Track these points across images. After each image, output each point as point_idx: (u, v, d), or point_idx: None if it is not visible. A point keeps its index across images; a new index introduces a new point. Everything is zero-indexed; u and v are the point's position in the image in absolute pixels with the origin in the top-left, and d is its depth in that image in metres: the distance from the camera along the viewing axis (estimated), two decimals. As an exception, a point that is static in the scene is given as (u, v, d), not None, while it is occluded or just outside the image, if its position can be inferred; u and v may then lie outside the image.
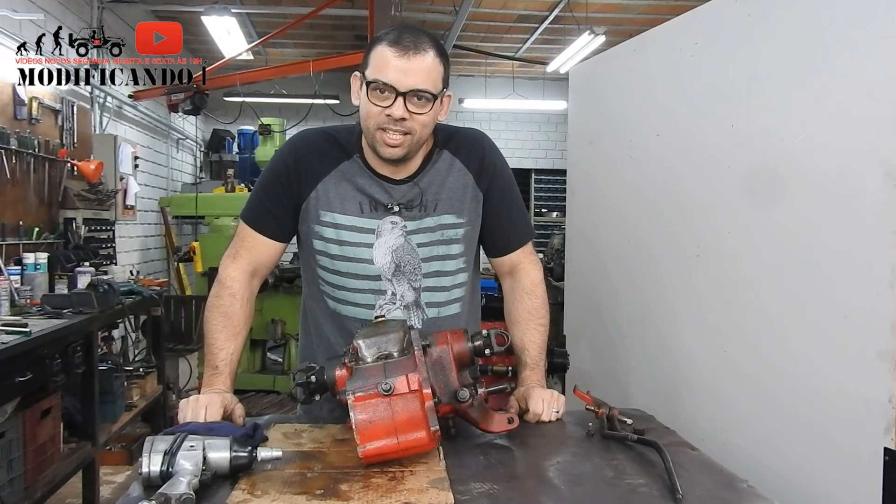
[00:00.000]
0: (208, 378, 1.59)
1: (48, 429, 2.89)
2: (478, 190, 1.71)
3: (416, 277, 1.66)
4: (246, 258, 1.68)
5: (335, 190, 1.64)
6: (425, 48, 1.50)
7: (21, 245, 4.06)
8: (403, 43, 1.49)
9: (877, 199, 1.65)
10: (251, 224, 1.69)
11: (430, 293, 1.68)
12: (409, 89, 1.49)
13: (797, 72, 1.92)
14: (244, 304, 1.66)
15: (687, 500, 1.19)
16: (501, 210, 1.75)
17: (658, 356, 2.54)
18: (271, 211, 1.67)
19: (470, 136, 1.77)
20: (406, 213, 1.64)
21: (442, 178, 1.68)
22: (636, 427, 1.52)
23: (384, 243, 1.64)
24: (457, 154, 1.71)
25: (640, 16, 6.98)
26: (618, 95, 2.94)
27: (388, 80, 1.48)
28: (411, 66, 1.48)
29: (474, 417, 1.45)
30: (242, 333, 1.65)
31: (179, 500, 1.11)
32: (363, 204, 1.64)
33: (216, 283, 1.68)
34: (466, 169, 1.70)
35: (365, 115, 1.55)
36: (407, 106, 1.50)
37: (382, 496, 1.18)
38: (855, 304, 1.71)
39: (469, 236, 1.71)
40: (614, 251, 2.88)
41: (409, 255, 1.65)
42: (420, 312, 1.67)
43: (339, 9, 6.44)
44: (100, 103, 5.65)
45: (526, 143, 10.29)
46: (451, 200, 1.68)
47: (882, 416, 1.63)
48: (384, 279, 1.65)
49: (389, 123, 1.51)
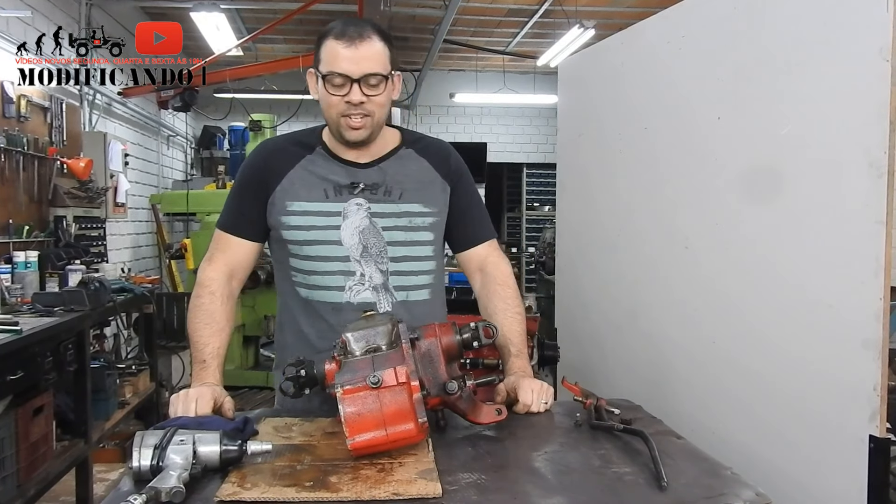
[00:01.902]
0: (197, 373, 1.62)
1: (40, 427, 2.88)
2: (445, 184, 1.79)
3: (383, 260, 1.71)
4: (221, 260, 1.75)
5: (300, 181, 1.72)
6: (370, 35, 1.61)
7: (11, 244, 4.04)
8: (349, 34, 1.60)
9: (861, 190, 1.66)
10: (224, 228, 1.78)
11: (399, 277, 1.73)
12: (361, 75, 1.59)
13: (782, 64, 1.94)
14: (224, 301, 1.70)
15: (672, 487, 1.21)
16: (468, 206, 1.84)
17: (647, 347, 2.55)
18: (241, 212, 1.76)
19: (436, 141, 1.89)
20: (370, 196, 1.71)
21: (408, 170, 1.77)
22: (623, 417, 1.54)
23: (351, 224, 1.70)
24: (423, 154, 1.80)
25: (629, 9, 6.99)
26: (606, 89, 2.95)
27: (342, 70, 1.59)
28: (360, 53, 1.59)
29: (463, 409, 1.46)
30: (226, 330, 1.69)
31: (169, 494, 1.12)
32: (328, 190, 1.71)
33: (195, 286, 1.74)
34: (432, 168, 1.79)
35: (326, 107, 1.65)
36: (363, 90, 1.60)
37: (371, 487, 1.19)
38: (840, 293, 1.73)
39: (437, 227, 1.78)
40: (604, 244, 2.90)
41: (374, 237, 1.70)
42: (389, 295, 1.72)
43: (328, 4, 6.42)
44: (89, 100, 5.62)
45: (517, 137, 10.30)
46: (417, 191, 1.75)
47: (867, 403, 1.65)
48: (352, 260, 1.70)
49: (350, 109, 1.62)
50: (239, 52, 7.33)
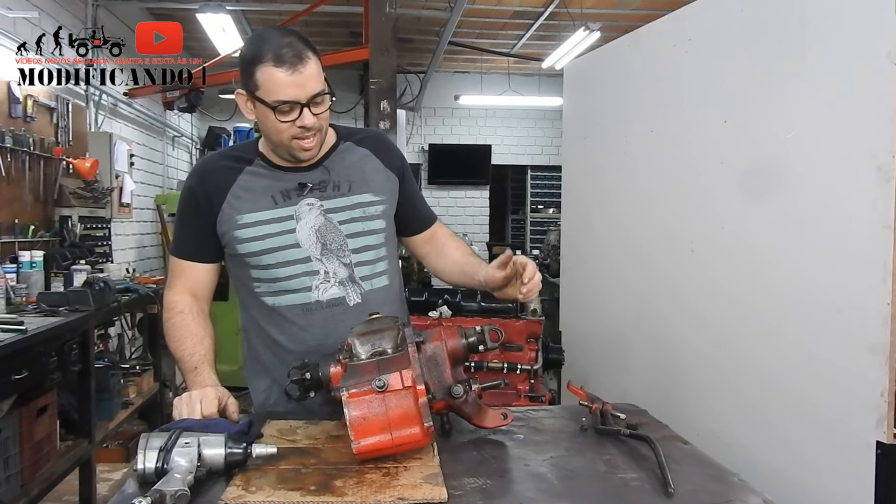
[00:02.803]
0: (192, 380, 1.61)
1: (45, 426, 2.89)
2: (389, 173, 1.81)
3: (345, 254, 1.71)
4: (180, 284, 1.74)
5: (245, 194, 1.70)
6: (306, 54, 1.56)
7: (17, 243, 4.05)
8: (286, 59, 1.54)
9: (868, 194, 1.66)
10: (176, 254, 1.76)
11: (362, 267, 1.74)
12: (308, 97, 1.57)
13: (790, 68, 1.93)
14: (195, 316, 1.70)
15: (678, 493, 1.20)
16: (413, 194, 1.89)
17: (652, 351, 2.55)
18: (189, 236, 1.75)
19: (372, 131, 1.94)
20: (320, 194, 1.71)
21: (349, 162, 1.77)
22: (629, 422, 1.53)
23: (306, 225, 1.70)
24: (361, 144, 1.81)
25: (634, 11, 6.98)
26: (612, 91, 2.94)
27: (290, 97, 1.56)
28: (303, 77, 1.55)
29: (468, 413, 1.46)
30: (207, 340, 1.68)
31: (174, 497, 1.11)
32: (275, 196, 1.70)
33: (163, 309, 1.73)
34: (374, 156, 1.80)
35: (275, 132, 1.61)
36: (311, 111, 1.59)
37: (376, 491, 1.19)
38: (847, 298, 1.72)
39: (387, 213, 1.80)
40: (609, 247, 2.89)
41: (332, 232, 1.71)
42: (356, 287, 1.72)
43: (333, 5, 6.42)
44: (95, 101, 5.63)
45: (522, 140, 10.28)
46: (363, 181, 1.76)
47: (874, 409, 1.64)
48: (313, 259, 1.70)
49: (303, 132, 1.60)
50: (244, 54, 7.32)
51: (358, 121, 8.48)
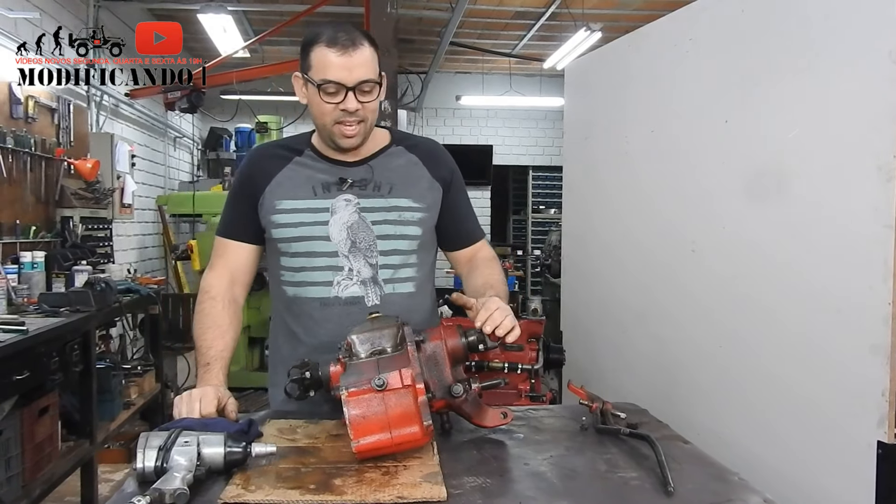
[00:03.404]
0: (201, 375, 1.62)
1: (46, 427, 2.89)
2: (434, 182, 1.80)
3: (373, 254, 1.72)
4: (221, 265, 1.78)
5: (288, 181, 1.74)
6: (360, 42, 1.61)
7: (18, 244, 4.06)
8: (341, 41, 1.59)
9: (869, 194, 1.65)
10: (221, 233, 1.81)
11: (387, 270, 1.74)
12: (356, 83, 1.60)
13: (791, 68, 1.93)
14: (226, 306, 1.72)
15: (678, 492, 1.20)
16: (460, 206, 1.87)
17: (654, 351, 2.54)
18: (235, 216, 1.80)
19: (425, 139, 1.91)
20: (359, 192, 1.73)
21: (396, 165, 1.78)
22: (630, 421, 1.53)
23: (339, 220, 1.71)
24: (411, 151, 1.81)
25: (636, 12, 6.98)
26: (613, 92, 2.94)
27: (337, 78, 1.60)
28: (353, 61, 1.59)
29: (468, 412, 1.46)
30: (230, 334, 1.69)
31: (173, 496, 1.11)
32: (316, 187, 1.74)
33: (199, 292, 1.76)
34: (422, 164, 1.80)
35: (319, 114, 1.66)
36: (357, 97, 1.61)
37: (376, 490, 1.19)
38: (848, 298, 1.72)
39: (426, 222, 1.79)
40: (610, 247, 2.89)
41: (363, 231, 1.71)
42: (377, 289, 1.72)
43: (335, 6, 6.43)
44: (96, 102, 5.64)
45: (523, 140, 10.28)
46: (406, 186, 1.76)
47: (875, 409, 1.64)
48: (341, 255, 1.71)
49: (345, 116, 1.63)
50: (246, 54, 7.34)
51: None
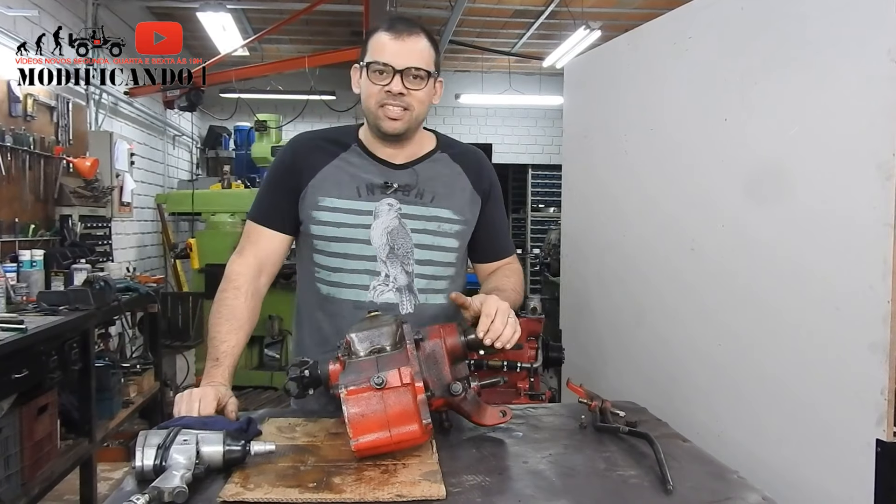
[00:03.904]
0: (208, 370, 1.60)
1: (45, 425, 2.89)
2: (476, 195, 1.80)
3: (409, 262, 1.71)
4: (251, 252, 1.74)
5: (333, 177, 1.72)
6: (417, 32, 1.65)
7: (17, 242, 4.06)
8: (397, 28, 1.63)
9: (869, 192, 1.65)
10: (254, 218, 1.77)
11: (422, 280, 1.73)
12: (405, 67, 1.61)
13: (790, 66, 1.93)
14: (248, 298, 1.69)
15: (677, 490, 1.20)
16: (495, 220, 1.85)
17: (653, 349, 2.54)
18: (272, 203, 1.76)
19: (470, 148, 1.90)
20: (402, 196, 1.72)
21: (441, 175, 1.77)
22: (629, 419, 1.53)
23: (381, 224, 1.70)
24: (456, 159, 1.81)
25: (635, 10, 6.97)
26: (612, 90, 2.94)
27: (386, 59, 1.61)
28: (406, 46, 1.62)
29: (467, 411, 1.46)
30: (245, 328, 1.67)
31: (172, 494, 1.11)
32: (360, 188, 1.71)
33: (223, 279, 1.73)
34: (465, 175, 1.80)
35: (366, 97, 1.66)
36: (404, 82, 1.62)
37: (375, 489, 1.19)
38: (847, 296, 1.72)
39: (463, 235, 1.78)
40: (610, 246, 2.89)
41: (402, 238, 1.70)
42: (412, 297, 1.72)
43: (334, 4, 6.42)
44: (95, 100, 5.63)
45: (522, 139, 10.28)
46: (448, 197, 1.75)
47: (874, 407, 1.63)
48: (379, 260, 1.70)
49: (389, 99, 1.63)
50: (245, 53, 7.33)
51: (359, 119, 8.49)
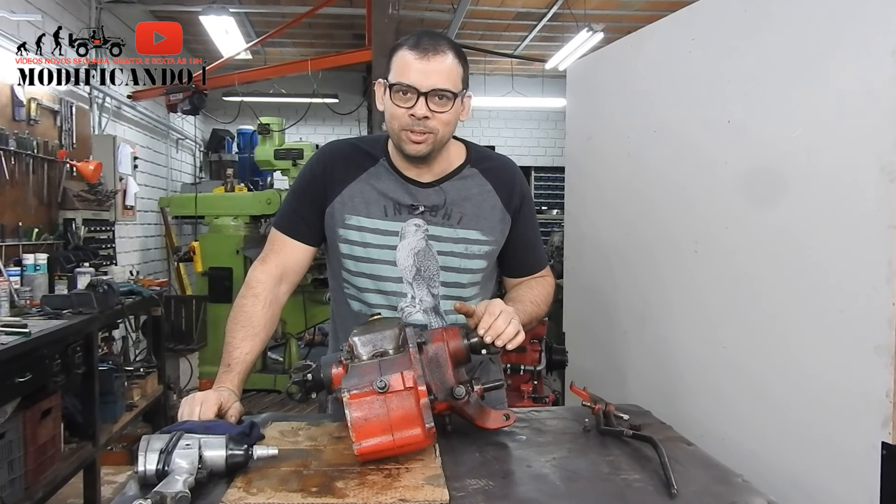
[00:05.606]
0: (219, 375, 1.60)
1: (48, 429, 2.89)
2: (506, 213, 1.74)
3: (435, 284, 1.69)
4: (274, 261, 1.72)
5: (360, 195, 1.69)
6: (444, 50, 1.56)
7: (20, 246, 4.06)
8: (423, 46, 1.55)
9: (873, 195, 1.65)
10: (280, 228, 1.75)
11: (446, 301, 1.69)
12: (429, 89, 1.54)
13: (794, 67, 1.92)
14: (266, 306, 1.67)
15: (682, 494, 1.19)
16: (526, 236, 1.80)
17: (657, 352, 2.54)
18: (299, 214, 1.73)
19: (503, 161, 1.82)
20: (429, 217, 1.68)
21: (470, 193, 1.71)
22: (633, 423, 1.52)
23: (406, 245, 1.67)
24: (487, 175, 1.74)
25: (638, 12, 6.98)
26: (615, 92, 2.94)
27: (410, 81, 1.54)
28: (431, 67, 1.54)
29: (470, 414, 1.45)
30: (261, 336, 1.66)
31: (175, 499, 1.11)
32: (387, 207, 1.68)
33: (243, 285, 1.72)
34: (495, 192, 1.73)
35: (389, 118, 1.60)
36: (429, 105, 1.55)
37: (378, 493, 1.18)
38: (852, 298, 1.71)
39: (491, 255, 1.75)
40: (613, 248, 2.89)
41: (429, 260, 1.67)
42: (439, 319, 1.69)
43: (337, 7, 6.44)
44: (98, 104, 5.65)
45: (525, 141, 10.29)
46: (477, 218, 1.71)
47: (879, 410, 1.63)
48: (405, 282, 1.68)
49: (413, 123, 1.57)
50: (248, 56, 7.36)
51: (361, 122, 8.50)
